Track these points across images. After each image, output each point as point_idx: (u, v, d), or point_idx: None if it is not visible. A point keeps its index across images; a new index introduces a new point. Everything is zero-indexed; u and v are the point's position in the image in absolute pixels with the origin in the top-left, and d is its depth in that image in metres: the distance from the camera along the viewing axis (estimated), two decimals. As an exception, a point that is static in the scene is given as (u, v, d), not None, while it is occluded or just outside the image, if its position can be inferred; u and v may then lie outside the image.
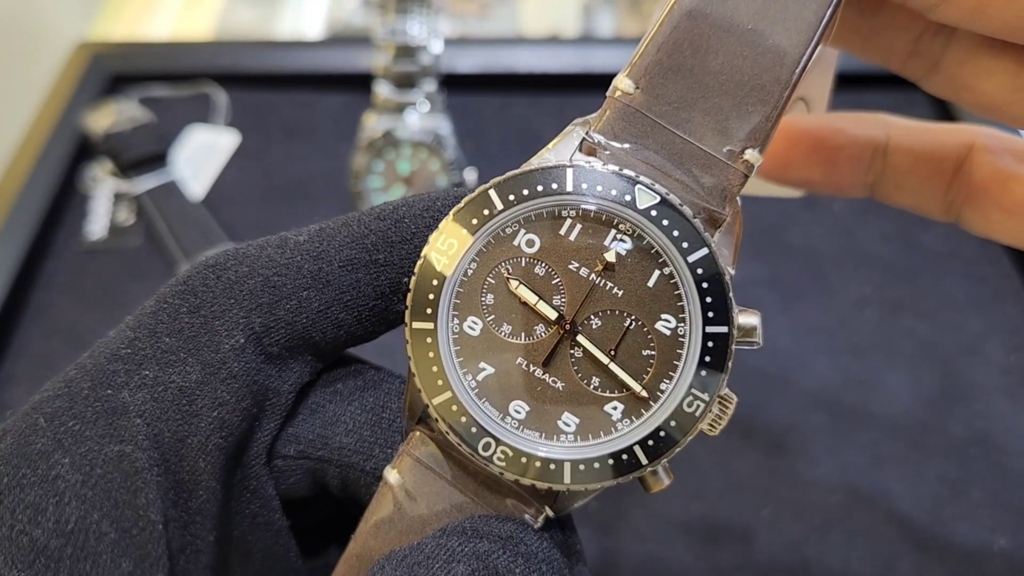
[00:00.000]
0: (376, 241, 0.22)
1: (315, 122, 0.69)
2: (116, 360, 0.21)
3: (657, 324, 0.21)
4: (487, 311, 0.21)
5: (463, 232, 0.21)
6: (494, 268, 0.21)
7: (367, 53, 0.70)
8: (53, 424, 0.21)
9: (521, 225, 0.21)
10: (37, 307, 0.57)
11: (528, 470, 0.21)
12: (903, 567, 0.44)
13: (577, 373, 0.21)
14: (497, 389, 0.21)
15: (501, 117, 0.70)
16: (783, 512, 0.46)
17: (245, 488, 0.23)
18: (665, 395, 0.21)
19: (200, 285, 0.22)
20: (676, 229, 0.21)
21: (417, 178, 0.57)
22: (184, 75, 0.71)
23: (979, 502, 0.46)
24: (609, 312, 0.21)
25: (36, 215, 0.59)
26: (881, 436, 0.49)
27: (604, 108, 0.22)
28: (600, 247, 0.21)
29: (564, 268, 0.21)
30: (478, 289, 0.21)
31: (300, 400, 0.24)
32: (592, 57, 0.71)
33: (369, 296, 0.23)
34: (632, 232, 0.21)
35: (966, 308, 0.56)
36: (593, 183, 0.21)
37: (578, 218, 0.21)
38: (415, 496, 0.22)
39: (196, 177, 0.65)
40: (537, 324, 0.21)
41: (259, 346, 0.22)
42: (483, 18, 0.88)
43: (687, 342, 0.21)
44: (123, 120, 0.64)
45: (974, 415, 0.50)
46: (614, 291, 0.21)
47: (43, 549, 0.19)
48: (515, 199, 0.21)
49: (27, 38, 0.75)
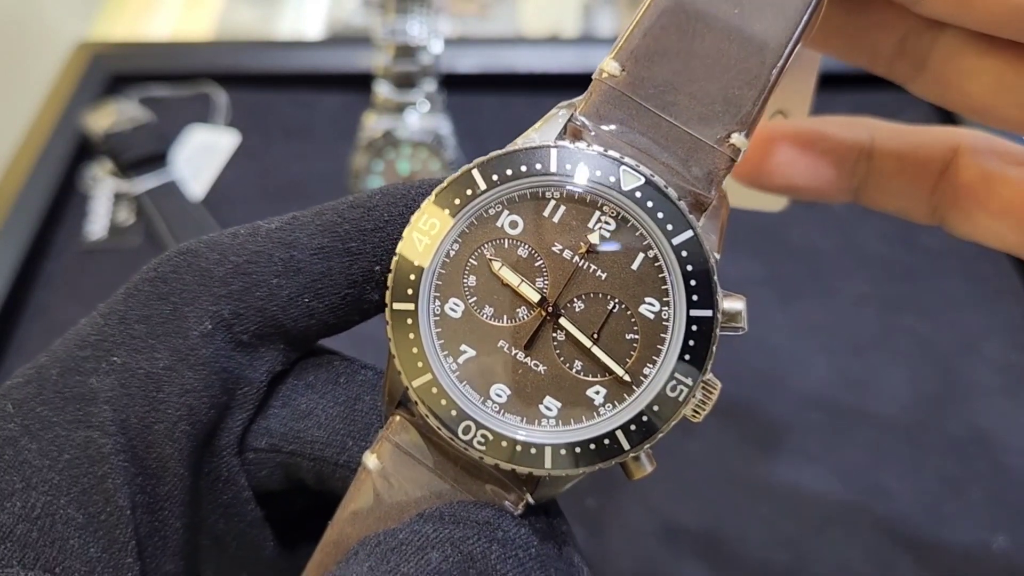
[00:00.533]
0: (349, 230, 0.22)
1: (315, 122, 0.69)
2: (86, 347, 0.22)
3: (641, 307, 0.21)
4: (469, 293, 0.21)
5: (445, 213, 0.21)
6: (476, 249, 0.21)
7: (367, 53, 0.71)
8: (22, 410, 0.21)
9: (504, 206, 0.21)
10: (37, 307, 0.57)
11: (508, 455, 0.21)
12: (901, 565, 0.44)
13: (559, 357, 0.21)
14: (478, 372, 0.21)
15: (501, 117, 0.70)
16: (781, 510, 0.46)
17: (217, 478, 0.23)
18: (648, 380, 0.21)
19: (171, 272, 0.22)
20: (661, 211, 0.20)
21: (417, 178, 0.58)
22: (184, 75, 0.71)
23: (978, 501, 0.46)
24: (592, 295, 0.21)
25: (36, 215, 0.60)
26: (880, 434, 0.49)
27: (590, 91, 0.22)
28: (584, 229, 0.21)
29: (547, 250, 0.21)
30: (460, 271, 0.21)
31: (272, 392, 0.24)
32: (592, 57, 0.71)
33: (342, 285, 0.22)
34: (616, 214, 0.21)
35: (965, 307, 0.56)
36: (577, 164, 0.21)
37: (562, 200, 0.21)
38: (393, 482, 0.22)
39: (196, 177, 0.65)
40: (520, 307, 0.21)
41: (229, 333, 0.22)
42: (483, 18, 0.88)
43: (671, 326, 0.20)
44: (123, 120, 0.64)
45: (973, 414, 0.50)
46: (597, 273, 0.21)
47: (8, 534, 0.19)
48: (498, 179, 0.21)
49: (27, 38, 0.75)
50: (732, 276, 0.58)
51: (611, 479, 0.48)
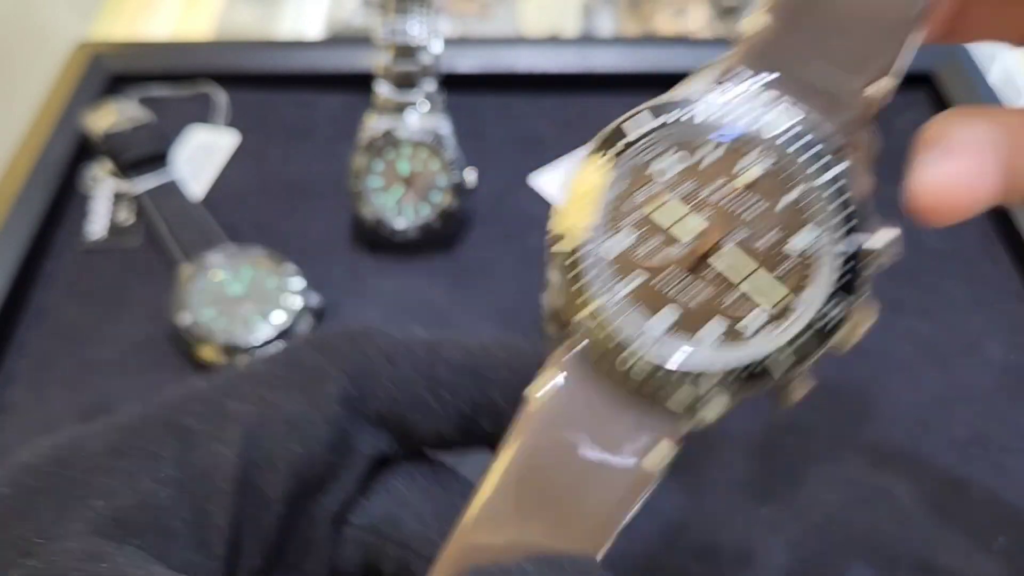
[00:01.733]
0: (492, 363, 0.24)
1: (315, 122, 0.70)
2: (241, 377, 0.24)
3: (795, 240, 0.22)
4: (629, 232, 0.23)
5: (599, 170, 0.23)
6: (632, 193, 0.23)
7: (367, 53, 0.71)
8: (173, 414, 0.23)
9: (657, 154, 0.23)
10: (37, 307, 0.57)
11: (672, 381, 0.22)
12: (903, 564, 0.44)
13: (721, 285, 0.22)
14: (645, 298, 0.22)
15: (501, 117, 0.70)
16: (782, 511, 0.46)
17: (306, 539, 0.24)
18: (804, 305, 0.22)
19: (334, 337, 0.25)
20: (813, 149, 0.22)
21: (417, 178, 0.58)
22: (184, 75, 0.71)
23: (979, 501, 0.47)
24: (750, 230, 0.22)
25: (36, 215, 0.60)
26: (881, 435, 0.49)
27: (737, 47, 0.23)
28: (737, 169, 0.22)
29: (703, 191, 0.22)
30: (620, 213, 0.23)
31: (374, 478, 0.25)
32: (592, 57, 0.71)
33: (466, 404, 0.24)
34: (768, 153, 0.22)
35: (966, 307, 0.56)
36: (728, 110, 0.22)
37: (715, 144, 0.22)
38: (557, 415, 0.23)
39: (196, 177, 0.65)
40: (678, 244, 0.22)
41: (357, 406, 0.24)
42: (483, 18, 0.88)
43: (824, 258, 0.22)
44: (123, 120, 0.64)
45: (974, 414, 0.50)
46: (753, 209, 0.22)
47: (124, 521, 0.21)
48: (650, 129, 0.22)
49: (25, 38, 0.75)
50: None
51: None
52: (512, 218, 0.62)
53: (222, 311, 0.53)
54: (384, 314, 0.57)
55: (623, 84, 0.71)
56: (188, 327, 0.52)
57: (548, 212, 0.23)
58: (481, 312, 0.57)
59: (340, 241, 0.61)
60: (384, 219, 0.58)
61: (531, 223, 0.62)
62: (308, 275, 0.57)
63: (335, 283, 0.58)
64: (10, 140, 0.67)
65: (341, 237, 0.61)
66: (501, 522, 0.23)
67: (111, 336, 0.55)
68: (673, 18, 0.97)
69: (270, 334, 0.52)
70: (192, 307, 0.53)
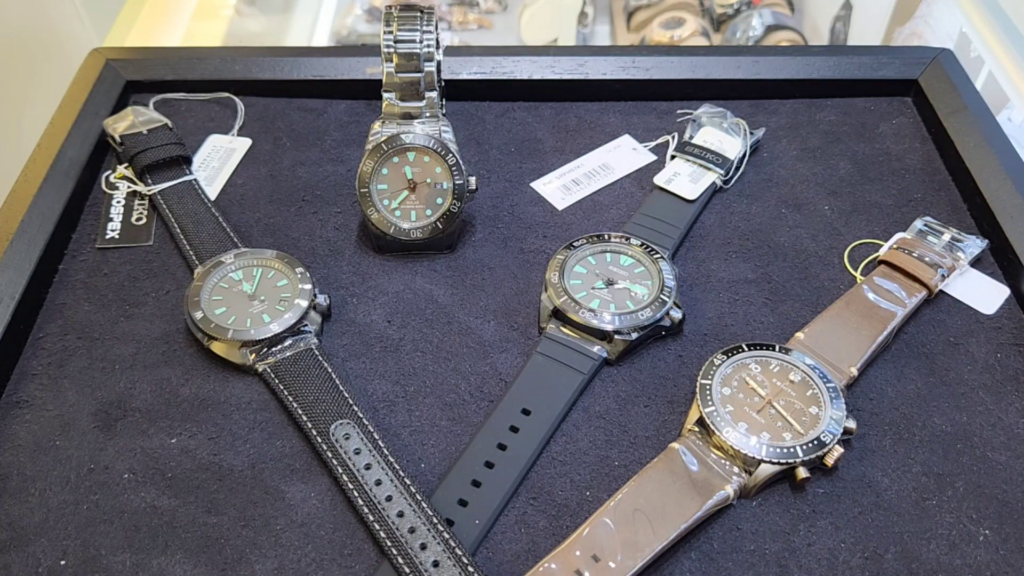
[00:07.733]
0: None
1: (323, 128, 0.71)
2: None
3: (809, 407, 0.49)
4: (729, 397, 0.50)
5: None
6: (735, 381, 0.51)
7: (373, 62, 0.73)
8: None
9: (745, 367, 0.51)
10: (52, 305, 0.58)
11: (739, 456, 0.47)
12: (888, 556, 0.45)
13: (771, 418, 0.48)
14: (736, 417, 0.48)
15: (501, 123, 0.72)
16: (770, 501, 0.48)
17: None
18: (809, 432, 0.48)
19: None
20: (821, 377, 0.51)
21: (421, 182, 0.59)
22: (196, 82, 0.73)
23: (964, 494, 0.48)
24: (788, 400, 0.49)
25: (52, 216, 0.61)
26: (867, 429, 0.50)
27: None
28: (783, 383, 0.50)
29: (770, 379, 0.51)
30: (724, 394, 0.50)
31: None
32: (589, 66, 0.73)
33: None
34: (799, 373, 0.51)
35: (950, 304, 0.57)
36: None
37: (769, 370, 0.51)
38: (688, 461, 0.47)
39: (208, 181, 0.66)
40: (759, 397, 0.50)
41: None
42: (484, 29, 0.90)
43: (824, 414, 0.49)
44: (139, 123, 0.65)
45: (959, 410, 0.52)
46: (790, 390, 0.50)
47: None
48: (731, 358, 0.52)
49: (43, 45, 0.77)
50: (723, 278, 0.60)
51: (611, 475, 0.49)
52: (512, 221, 0.64)
53: (233, 309, 0.54)
54: (389, 313, 0.58)
55: (618, 92, 0.73)
56: (201, 324, 0.54)
57: (546, 215, 0.24)
58: (482, 310, 0.58)
59: (347, 243, 0.62)
60: (390, 221, 0.59)
61: (530, 225, 0.64)
62: (316, 275, 0.59)
63: (342, 283, 0.60)
64: (27, 143, 0.68)
65: (348, 239, 0.63)
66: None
67: (126, 333, 0.56)
68: (666, 29, 0.99)
69: (280, 331, 0.53)
70: (205, 305, 0.54)
